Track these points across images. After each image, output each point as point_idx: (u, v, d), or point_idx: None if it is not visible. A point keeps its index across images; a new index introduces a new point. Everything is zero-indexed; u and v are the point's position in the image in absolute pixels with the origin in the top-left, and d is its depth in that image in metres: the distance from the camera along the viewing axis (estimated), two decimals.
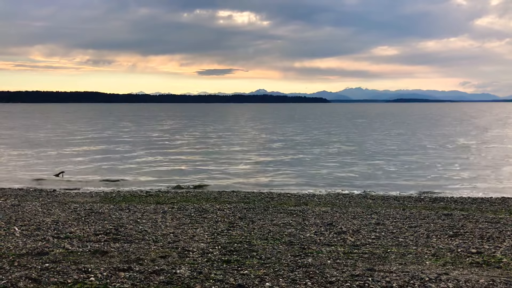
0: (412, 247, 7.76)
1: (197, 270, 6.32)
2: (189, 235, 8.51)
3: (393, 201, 13.69)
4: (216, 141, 38.39)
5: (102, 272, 6.15)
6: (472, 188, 17.29)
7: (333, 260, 6.88)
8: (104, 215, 10.37)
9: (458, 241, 8.13)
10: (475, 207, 12.63)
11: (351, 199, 14.02)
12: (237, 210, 11.27)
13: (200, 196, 14.24)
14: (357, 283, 5.84)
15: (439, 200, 14.00)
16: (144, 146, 34.38)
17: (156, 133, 49.45)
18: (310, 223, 9.71)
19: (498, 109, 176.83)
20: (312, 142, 37.69)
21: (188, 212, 10.88)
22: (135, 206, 11.92)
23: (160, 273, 6.16)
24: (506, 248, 7.63)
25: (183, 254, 7.12)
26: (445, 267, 6.60)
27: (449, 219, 10.31)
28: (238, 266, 6.51)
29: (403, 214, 10.96)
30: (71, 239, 8.00)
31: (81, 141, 37.98)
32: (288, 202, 13.13)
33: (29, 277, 5.92)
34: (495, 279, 6.01)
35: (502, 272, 6.36)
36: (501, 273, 6.31)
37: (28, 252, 7.13)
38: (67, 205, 11.92)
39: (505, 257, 7.05)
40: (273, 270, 6.34)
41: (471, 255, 7.22)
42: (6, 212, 10.59)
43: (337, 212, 11.21)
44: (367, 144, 35.60)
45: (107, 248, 7.41)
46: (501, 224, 9.70)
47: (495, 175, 20.48)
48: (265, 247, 7.60)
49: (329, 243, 8.01)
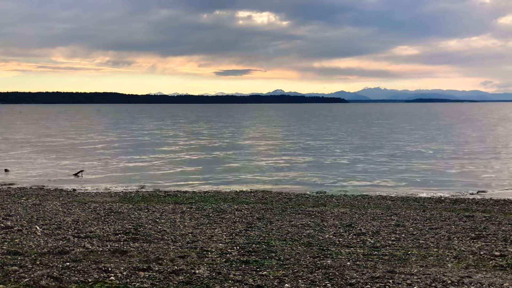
0: (433, 249, 7.64)
1: (216, 270, 6.32)
2: (208, 235, 8.52)
3: (413, 203, 13.51)
4: (231, 141, 38.46)
5: (122, 271, 6.19)
6: (494, 190, 16.97)
7: (352, 262, 6.82)
8: (123, 215, 10.45)
9: (481, 244, 7.98)
10: (498, 209, 12.39)
11: (370, 200, 13.88)
12: (255, 211, 11.26)
13: (217, 197, 14.27)
14: (378, 285, 5.77)
15: (460, 202, 13.77)
16: (162, 146, 34.61)
17: (173, 132, 49.74)
18: (329, 224, 9.64)
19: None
20: (335, 141, 37.51)
21: (206, 212, 10.90)
22: (154, 206, 11.99)
23: (179, 273, 6.18)
24: None
25: (201, 254, 7.13)
26: (468, 270, 6.48)
27: (471, 221, 10.13)
28: (257, 267, 6.49)
29: (423, 215, 10.81)
30: (91, 239, 8.08)
31: (100, 141, 38.42)
32: (306, 203, 13.06)
33: (50, 275, 5.99)
34: None
35: None
36: None
37: (50, 251, 7.23)
38: (87, 204, 12.05)
39: None
40: (292, 271, 6.30)
41: (495, 258, 7.07)
42: (28, 211, 10.76)
43: (356, 213, 11.11)
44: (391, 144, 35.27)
45: (127, 248, 7.47)
46: None
47: None
48: (283, 248, 7.57)
49: (348, 244, 7.94)
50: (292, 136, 44.75)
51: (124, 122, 75.58)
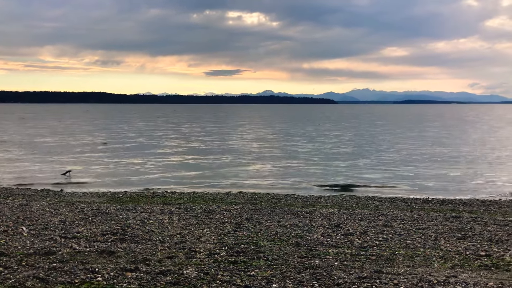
0: (420, 249, 7.70)
1: (204, 271, 6.31)
2: (196, 235, 8.50)
3: (401, 203, 13.61)
4: (220, 142, 38.41)
5: (109, 272, 6.16)
6: (480, 190, 17.16)
7: (340, 262, 6.85)
8: (111, 215, 10.39)
9: (467, 244, 8.07)
10: (484, 209, 12.53)
11: (358, 201, 13.96)
12: (244, 211, 11.26)
13: (206, 197, 14.24)
14: (365, 285, 5.81)
15: (447, 202, 13.90)
16: (152, 146, 34.46)
17: (162, 132, 49.55)
18: (317, 225, 9.67)
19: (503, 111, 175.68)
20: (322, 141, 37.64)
21: (194, 213, 10.88)
22: (142, 206, 11.94)
23: (167, 274, 6.16)
24: None
25: (190, 255, 7.12)
26: (454, 269, 6.55)
27: (458, 221, 10.23)
28: (245, 267, 6.49)
29: (410, 216, 10.89)
30: (78, 239, 8.03)
31: (88, 141, 38.13)
32: (295, 204, 13.09)
33: (36, 276, 5.94)
34: (504, 282, 5.95)
35: (511, 275, 6.29)
36: (510, 276, 6.25)
37: (36, 251, 7.16)
38: (74, 205, 11.96)
39: None
40: (280, 272, 6.32)
41: (480, 258, 7.15)
42: (14, 211, 10.65)
43: (344, 213, 11.17)
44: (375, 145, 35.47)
45: (114, 248, 7.43)
46: (510, 226, 9.62)
47: (506, 177, 20.31)
48: (272, 249, 7.58)
49: (336, 244, 7.97)
50: (281, 137, 44.83)
51: (112, 122, 75.12)
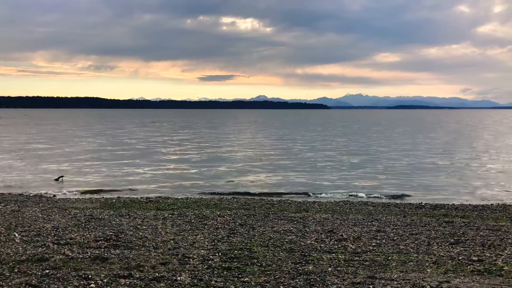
0: (413, 254, 7.74)
1: (198, 277, 6.30)
2: (190, 241, 8.49)
3: (394, 208, 13.66)
4: (216, 147, 38.38)
5: (103, 279, 6.14)
6: (473, 195, 17.26)
7: (334, 268, 6.86)
8: (104, 221, 10.35)
9: (459, 249, 8.11)
10: (476, 214, 12.60)
11: (351, 206, 13.99)
12: (238, 217, 11.25)
13: (200, 203, 14.22)
14: None
15: (440, 207, 13.97)
16: (145, 152, 34.37)
17: (155, 138, 49.44)
18: (311, 230, 9.69)
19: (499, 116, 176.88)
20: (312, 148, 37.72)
21: (188, 219, 10.86)
22: (135, 212, 11.90)
23: (160, 280, 6.14)
24: (507, 256, 7.61)
25: (183, 261, 7.11)
26: (446, 275, 6.58)
27: (450, 226, 10.29)
28: (239, 273, 6.49)
29: (404, 221, 10.94)
30: (71, 246, 7.99)
31: (82, 147, 37.96)
32: (288, 209, 13.10)
33: (29, 283, 5.91)
34: (496, 287, 5.99)
35: (503, 280, 6.34)
36: (503, 281, 6.29)
37: (28, 258, 7.12)
38: (67, 211, 11.90)
39: (507, 265, 7.03)
40: (273, 278, 6.32)
41: (472, 263, 7.20)
42: (6, 218, 10.58)
43: (338, 219, 11.19)
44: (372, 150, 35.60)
45: (108, 255, 7.40)
46: (502, 231, 9.68)
47: (497, 183, 20.44)
48: (265, 254, 7.58)
49: (330, 250, 7.99)
50: (276, 142, 44.87)
51: (106, 128, 74.86)
